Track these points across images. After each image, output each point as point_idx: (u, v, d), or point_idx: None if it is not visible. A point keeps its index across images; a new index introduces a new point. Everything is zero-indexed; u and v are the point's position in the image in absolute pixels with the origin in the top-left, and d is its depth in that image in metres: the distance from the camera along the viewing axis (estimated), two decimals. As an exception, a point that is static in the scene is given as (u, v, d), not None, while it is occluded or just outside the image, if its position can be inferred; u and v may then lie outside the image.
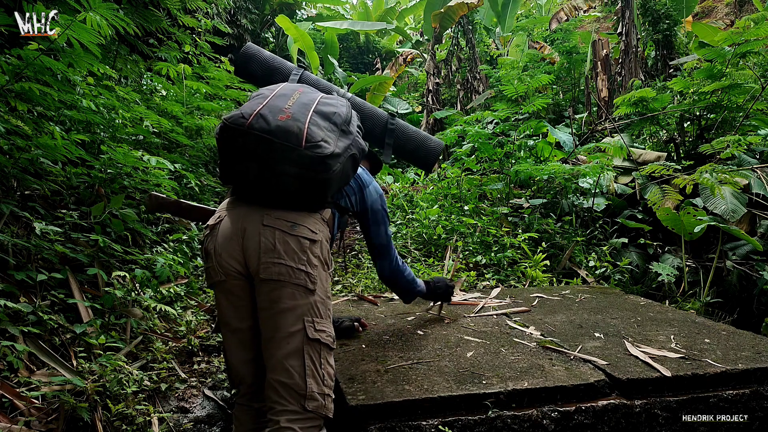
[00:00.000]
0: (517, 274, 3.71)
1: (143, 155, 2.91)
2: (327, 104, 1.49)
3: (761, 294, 3.78)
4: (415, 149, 1.93)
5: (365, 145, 1.57)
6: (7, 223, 2.40)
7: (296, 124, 1.36)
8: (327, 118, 1.45)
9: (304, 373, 1.38)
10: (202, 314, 2.78)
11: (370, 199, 1.83)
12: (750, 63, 5.37)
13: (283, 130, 1.34)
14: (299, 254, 1.41)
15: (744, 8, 11.22)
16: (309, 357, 1.40)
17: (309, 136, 1.35)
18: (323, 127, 1.41)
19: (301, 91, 1.51)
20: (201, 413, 2.12)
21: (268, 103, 1.41)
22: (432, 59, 9.46)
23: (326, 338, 1.45)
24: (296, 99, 1.45)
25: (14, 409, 1.78)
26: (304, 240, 1.43)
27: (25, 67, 2.58)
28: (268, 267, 1.40)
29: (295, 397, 1.38)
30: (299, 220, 1.44)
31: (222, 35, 7.17)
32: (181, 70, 4.30)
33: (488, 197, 5.31)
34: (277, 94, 1.46)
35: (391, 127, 1.86)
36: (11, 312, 2.05)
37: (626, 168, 5.15)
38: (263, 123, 1.35)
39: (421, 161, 1.96)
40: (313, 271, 1.43)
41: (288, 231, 1.42)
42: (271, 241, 1.41)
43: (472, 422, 1.58)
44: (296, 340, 1.40)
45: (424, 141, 1.93)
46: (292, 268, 1.40)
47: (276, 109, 1.39)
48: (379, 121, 1.87)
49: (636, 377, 1.75)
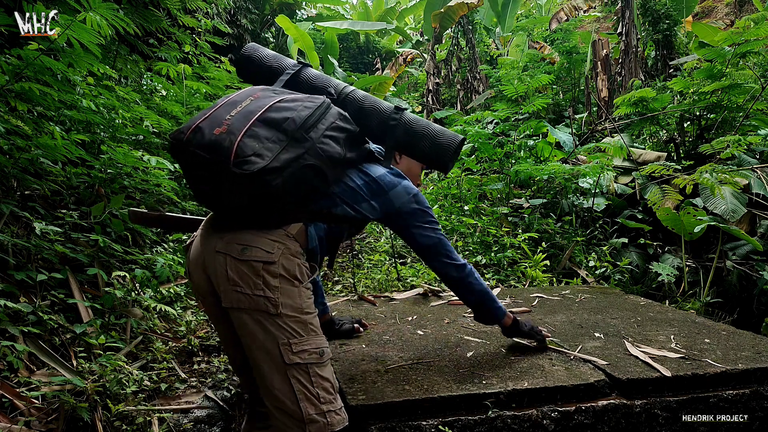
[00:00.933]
0: (517, 274, 3.71)
1: (143, 155, 2.91)
2: (280, 109, 1.34)
3: (761, 294, 3.78)
4: (423, 148, 1.62)
5: (338, 150, 1.41)
6: (7, 223, 2.40)
7: (229, 138, 1.24)
8: (274, 125, 1.30)
9: (296, 399, 1.32)
10: (202, 314, 2.78)
11: (399, 201, 1.60)
12: (750, 63, 5.37)
13: (215, 145, 1.23)
14: (254, 279, 1.32)
15: (744, 8, 11.23)
16: (296, 380, 1.33)
17: (239, 150, 1.22)
18: (262, 138, 1.27)
19: (257, 96, 1.38)
20: (201, 413, 2.12)
21: (213, 113, 1.30)
22: (432, 59, 9.46)
23: (308, 357, 1.35)
24: (244, 107, 1.32)
25: (14, 409, 1.78)
26: (256, 263, 1.33)
27: (25, 67, 2.58)
28: (227, 295, 1.34)
29: (294, 422, 1.33)
30: (252, 242, 1.34)
31: (222, 35, 7.17)
32: (181, 70, 4.30)
33: (488, 197, 5.31)
34: (227, 102, 1.35)
35: (392, 123, 1.58)
36: (11, 312, 2.05)
37: (626, 168, 5.16)
38: (199, 137, 1.25)
39: (433, 162, 1.65)
40: (273, 294, 1.33)
41: (237, 257, 1.33)
42: (223, 268, 1.33)
43: (472, 422, 1.58)
44: (277, 367, 1.33)
45: (436, 136, 1.61)
46: (249, 295, 1.32)
47: (216, 121, 1.27)
48: (379, 115, 1.60)
49: (636, 377, 1.75)
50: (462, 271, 1.69)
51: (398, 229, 1.65)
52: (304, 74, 1.64)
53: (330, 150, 1.38)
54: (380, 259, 3.76)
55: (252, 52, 1.69)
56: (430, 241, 1.65)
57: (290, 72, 1.62)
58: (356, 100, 1.61)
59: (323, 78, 1.65)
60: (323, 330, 1.74)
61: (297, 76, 1.63)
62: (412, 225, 1.63)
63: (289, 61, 1.68)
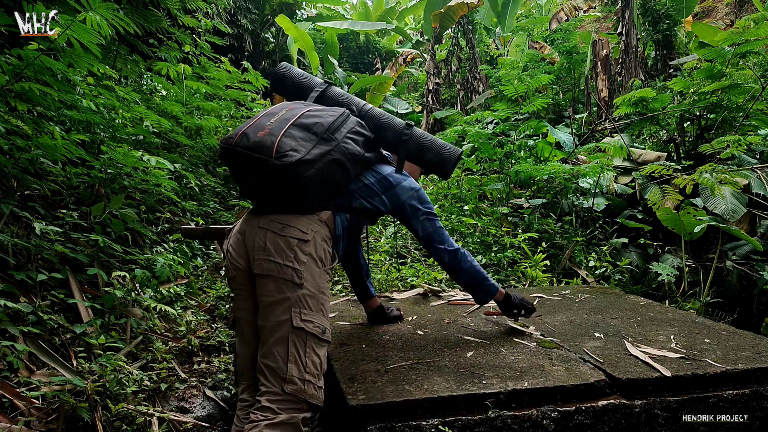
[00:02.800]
0: (517, 274, 3.71)
1: (143, 155, 2.91)
2: (311, 116, 1.65)
3: (761, 294, 3.77)
4: (430, 159, 1.94)
5: (358, 149, 1.72)
6: (7, 223, 2.40)
7: (270, 138, 1.54)
8: (306, 128, 1.61)
9: (287, 359, 1.51)
10: (202, 314, 2.78)
11: (404, 196, 1.92)
12: (750, 63, 5.37)
13: (260, 145, 1.53)
14: (286, 252, 1.58)
15: (744, 8, 11.23)
16: (293, 344, 1.53)
17: (279, 147, 1.52)
18: (297, 137, 1.57)
19: (290, 108, 1.69)
20: (201, 413, 2.12)
21: (255, 123, 1.61)
22: (432, 59, 9.46)
23: (313, 328, 1.56)
24: (280, 116, 1.63)
25: (14, 409, 1.78)
26: (292, 239, 1.59)
27: (25, 67, 2.58)
28: (260, 263, 1.59)
29: (276, 379, 1.50)
30: (291, 222, 1.62)
31: (222, 35, 7.17)
32: (181, 70, 4.30)
33: (488, 197, 5.31)
34: (267, 113, 1.66)
35: (404, 138, 1.90)
36: (11, 312, 2.05)
37: (626, 168, 5.15)
38: (245, 140, 1.55)
39: (437, 170, 1.97)
40: (301, 267, 1.58)
41: (278, 232, 1.60)
42: (262, 240, 1.60)
43: (472, 422, 1.58)
44: (283, 329, 1.54)
45: (441, 149, 1.94)
46: (280, 264, 1.57)
47: (259, 127, 1.58)
48: (393, 131, 1.92)
49: (636, 377, 1.75)
50: (454, 256, 1.98)
51: (403, 219, 1.97)
52: (330, 92, 1.97)
53: (351, 148, 1.69)
54: (380, 259, 3.76)
55: (285, 71, 2.01)
56: (428, 230, 1.96)
57: (318, 90, 1.95)
58: (374, 117, 1.93)
59: (346, 96, 1.97)
60: (374, 315, 2.37)
61: (324, 92, 1.95)
62: (414, 216, 1.94)
63: (317, 80, 1.99)
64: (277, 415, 1.46)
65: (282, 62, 2.09)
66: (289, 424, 1.47)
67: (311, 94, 1.95)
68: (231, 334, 2.63)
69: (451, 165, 1.95)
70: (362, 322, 2.42)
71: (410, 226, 1.96)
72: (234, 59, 9.35)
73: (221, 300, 2.93)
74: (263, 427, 1.44)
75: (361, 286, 2.35)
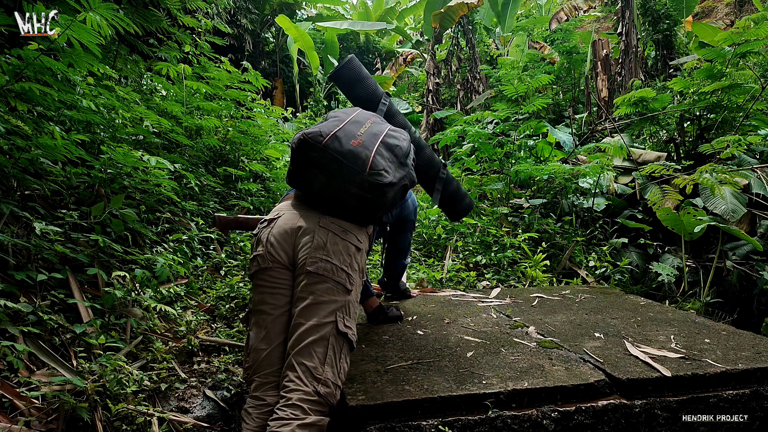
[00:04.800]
0: (517, 274, 3.71)
1: (143, 155, 2.91)
2: (393, 137, 1.69)
3: (761, 294, 3.77)
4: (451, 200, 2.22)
5: (416, 177, 1.77)
6: (7, 223, 2.40)
7: (365, 152, 1.57)
8: (391, 149, 1.65)
9: (324, 361, 1.51)
10: (202, 314, 2.78)
11: (407, 211, 2.19)
12: (750, 63, 5.37)
13: (354, 155, 1.55)
14: (344, 256, 1.59)
15: (744, 8, 11.23)
16: (333, 348, 1.53)
17: (373, 163, 1.56)
18: (386, 158, 1.62)
19: (373, 121, 1.72)
20: (201, 413, 2.12)
21: (344, 127, 1.62)
22: (432, 59, 9.45)
23: (352, 335, 1.59)
24: (368, 128, 1.67)
25: (14, 409, 1.78)
26: (351, 245, 1.62)
27: (25, 67, 2.58)
28: (316, 262, 1.56)
29: (311, 379, 1.48)
30: (350, 229, 1.64)
31: (222, 35, 7.16)
32: (181, 70, 4.29)
33: (488, 197, 5.31)
34: (352, 120, 1.68)
35: (442, 176, 2.13)
36: (11, 312, 2.05)
37: (626, 168, 5.15)
38: (337, 144, 1.56)
39: (452, 212, 2.28)
40: (353, 274, 1.61)
41: (339, 235, 1.61)
42: (323, 239, 1.59)
43: (472, 422, 1.58)
44: (326, 330, 1.53)
45: (463, 198, 2.22)
46: (337, 266, 1.57)
47: (350, 134, 1.60)
48: (433, 165, 2.14)
49: (636, 377, 1.75)
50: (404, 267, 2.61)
51: (397, 229, 2.18)
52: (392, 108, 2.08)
53: (413, 176, 1.73)
54: (379, 260, 3.75)
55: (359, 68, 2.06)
56: (406, 245, 2.43)
57: (385, 103, 2.05)
58: (419, 144, 2.04)
59: (401, 117, 2.09)
60: (373, 315, 2.41)
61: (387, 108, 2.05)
62: (409, 231, 2.25)
63: (381, 90, 2.07)
64: (307, 415, 1.43)
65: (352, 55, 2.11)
66: (318, 426, 1.44)
67: (380, 107, 2.01)
68: (231, 334, 2.63)
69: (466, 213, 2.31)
70: (362, 322, 2.42)
71: (398, 235, 2.18)
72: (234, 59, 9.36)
73: (221, 300, 2.93)
74: (296, 427, 1.40)
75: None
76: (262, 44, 11.83)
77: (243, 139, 4.43)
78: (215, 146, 4.32)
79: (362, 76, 2.02)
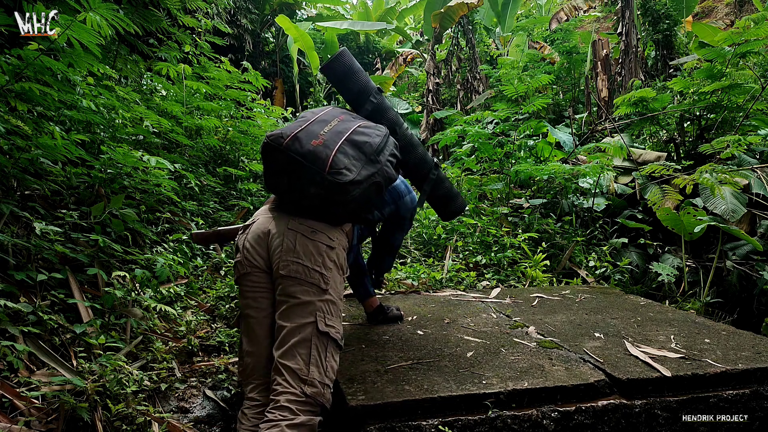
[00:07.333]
0: (517, 274, 3.71)
1: (143, 155, 2.91)
2: (361, 134, 1.64)
3: (761, 294, 3.77)
4: (443, 201, 2.14)
5: (394, 173, 1.71)
6: (7, 223, 2.40)
7: (325, 151, 1.53)
8: (358, 146, 1.60)
9: (309, 361, 1.52)
10: (202, 314, 2.78)
11: (404, 209, 2.10)
12: (750, 63, 5.37)
13: (314, 155, 1.52)
14: (315, 257, 1.58)
15: (744, 8, 11.22)
16: (316, 348, 1.54)
17: (333, 162, 1.51)
18: (350, 155, 1.56)
19: (341, 119, 1.68)
20: (201, 413, 2.12)
21: (307, 127, 1.59)
22: (432, 59, 9.45)
23: (335, 334, 1.58)
24: (333, 126, 1.62)
25: (14, 409, 1.78)
26: (321, 245, 1.60)
27: (25, 67, 2.58)
28: (287, 265, 1.57)
29: (297, 381, 1.50)
30: (320, 229, 1.62)
31: (222, 35, 7.16)
32: (181, 70, 4.29)
33: (488, 197, 5.31)
34: (317, 119, 1.64)
35: (432, 177, 2.04)
36: (11, 312, 2.05)
37: (626, 168, 5.15)
38: (298, 145, 1.53)
39: (444, 212, 2.19)
40: (327, 273, 1.59)
41: (308, 236, 1.59)
42: (292, 242, 1.59)
43: (472, 422, 1.58)
44: (307, 331, 1.54)
45: (455, 198, 2.15)
46: (308, 267, 1.57)
47: (312, 134, 1.56)
48: (425, 165, 2.04)
49: (636, 377, 1.75)
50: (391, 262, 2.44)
51: (390, 227, 2.11)
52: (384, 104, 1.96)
53: (389, 173, 1.67)
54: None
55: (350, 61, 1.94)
56: (398, 244, 2.30)
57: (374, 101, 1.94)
58: (411, 143, 1.99)
59: (394, 113, 2.01)
60: (373, 315, 2.41)
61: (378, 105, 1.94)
62: (399, 228, 2.16)
63: (372, 84, 1.96)
64: (296, 416, 1.46)
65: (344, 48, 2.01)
66: (307, 425, 1.47)
67: (366, 106, 1.92)
68: (231, 334, 2.63)
69: (457, 214, 2.20)
70: (362, 322, 2.42)
71: (392, 234, 2.13)
72: (234, 59, 9.35)
73: (221, 300, 2.93)
74: (285, 427, 1.43)
75: (360, 286, 2.36)
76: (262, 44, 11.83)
77: (243, 139, 4.43)
78: (215, 146, 4.32)
79: (354, 70, 1.94)
